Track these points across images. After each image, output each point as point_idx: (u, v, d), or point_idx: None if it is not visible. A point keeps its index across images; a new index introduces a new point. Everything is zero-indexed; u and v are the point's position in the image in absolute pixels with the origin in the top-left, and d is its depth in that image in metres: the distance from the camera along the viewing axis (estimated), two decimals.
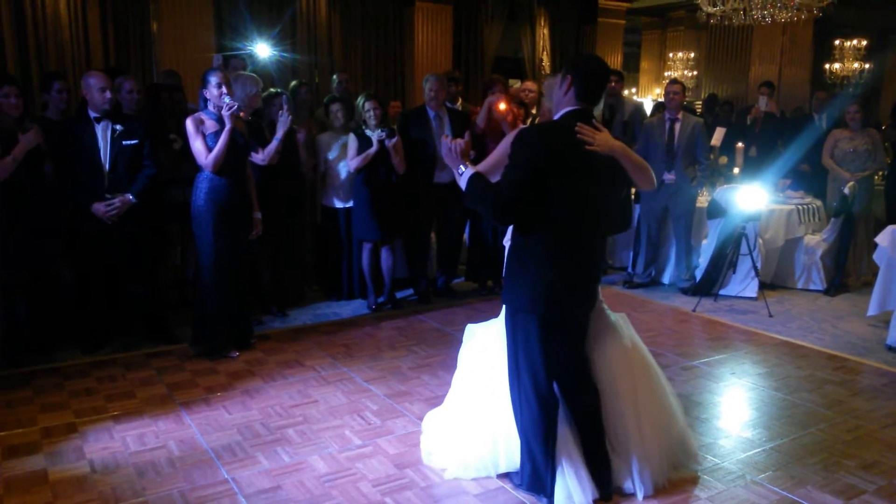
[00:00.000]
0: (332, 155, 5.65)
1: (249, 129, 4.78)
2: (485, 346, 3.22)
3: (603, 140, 2.73)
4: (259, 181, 4.86)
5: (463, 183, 2.83)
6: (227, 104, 4.25)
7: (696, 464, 3.21)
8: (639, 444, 2.96)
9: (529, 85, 6.69)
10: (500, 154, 3.01)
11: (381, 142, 5.24)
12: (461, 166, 2.84)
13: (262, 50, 8.69)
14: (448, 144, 2.87)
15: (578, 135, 2.71)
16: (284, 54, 8.87)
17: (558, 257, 2.77)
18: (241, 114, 4.51)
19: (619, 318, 3.16)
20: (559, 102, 2.87)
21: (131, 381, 4.17)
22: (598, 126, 2.78)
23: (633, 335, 3.14)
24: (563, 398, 2.91)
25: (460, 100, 6.29)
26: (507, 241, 3.11)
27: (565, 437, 2.90)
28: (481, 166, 2.99)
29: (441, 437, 3.30)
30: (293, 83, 6.37)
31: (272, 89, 5.51)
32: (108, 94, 4.34)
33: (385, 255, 5.60)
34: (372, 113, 5.34)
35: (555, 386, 2.90)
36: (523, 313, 2.84)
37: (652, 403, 3.05)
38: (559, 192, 2.73)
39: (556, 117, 2.88)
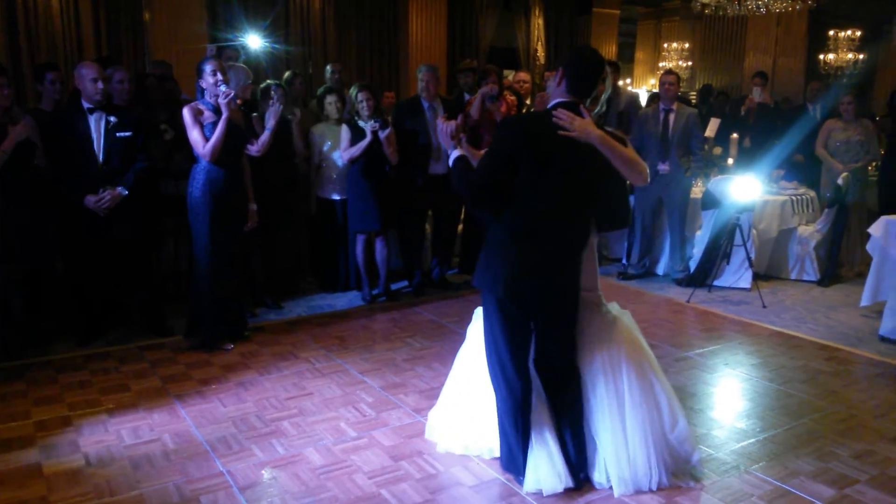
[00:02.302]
0: (327, 146, 5.63)
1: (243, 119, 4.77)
2: None
3: (581, 127, 2.69)
4: (254, 172, 4.84)
5: (451, 163, 2.96)
6: (224, 92, 4.22)
7: (695, 477, 3.05)
8: (621, 443, 2.93)
9: (523, 76, 6.67)
10: None
11: (374, 133, 5.21)
12: (451, 147, 2.97)
13: (254, 41, 8.64)
14: (441, 126, 3.00)
15: (555, 119, 2.69)
16: (277, 46, 8.82)
17: (522, 243, 2.80)
18: (239, 101, 4.47)
19: (619, 314, 3.13)
20: (552, 94, 2.88)
21: (125, 373, 4.16)
22: (581, 113, 2.74)
23: (630, 332, 3.09)
24: (542, 385, 2.96)
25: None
26: None
27: (541, 421, 2.95)
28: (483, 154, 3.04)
29: (443, 414, 3.35)
30: (287, 73, 6.33)
31: (269, 81, 5.48)
32: (100, 85, 4.31)
33: (380, 247, 5.59)
34: (365, 104, 5.32)
35: (532, 370, 2.96)
36: (488, 294, 2.91)
37: (644, 405, 2.96)
38: (530, 181, 2.74)
39: (548, 107, 2.88)
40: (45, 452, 3.23)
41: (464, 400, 3.26)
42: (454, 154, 2.95)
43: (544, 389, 2.98)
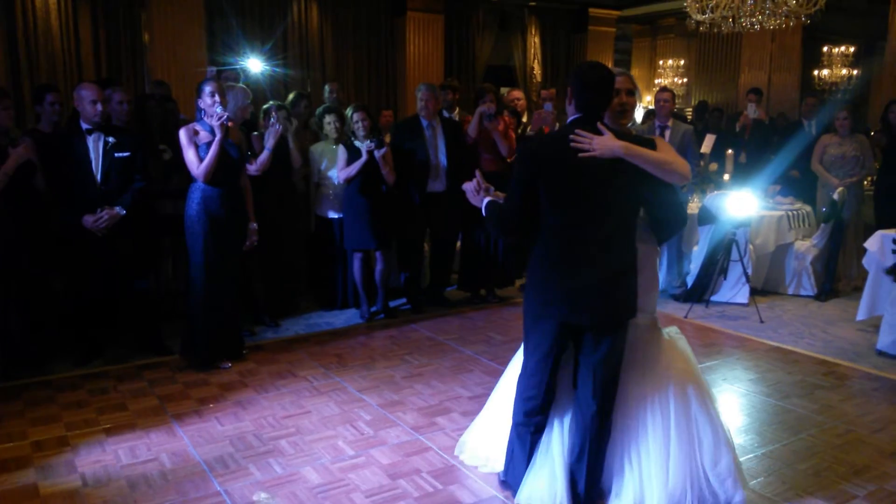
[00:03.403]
0: (325, 166, 5.66)
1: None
2: None
3: (602, 144, 2.64)
4: (252, 191, 4.87)
5: (483, 212, 3.01)
6: (218, 114, 4.26)
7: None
8: (663, 473, 2.85)
9: (516, 94, 6.73)
10: None
11: (370, 152, 5.25)
12: (480, 203, 3.03)
13: (255, 65, 8.72)
14: (468, 188, 3.05)
15: (573, 144, 2.66)
16: (277, 69, 8.91)
17: (558, 263, 2.77)
18: (230, 123, 4.49)
19: (674, 339, 3.06)
20: (568, 113, 2.85)
21: (123, 393, 4.16)
22: (600, 130, 2.68)
23: (682, 358, 3.01)
24: (575, 404, 2.92)
25: (458, 109, 6.27)
26: None
27: (555, 438, 2.93)
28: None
29: (478, 428, 3.40)
30: (291, 95, 6.38)
31: (271, 102, 5.53)
32: (99, 107, 4.34)
33: (378, 265, 5.60)
34: (360, 124, 5.35)
35: (570, 387, 2.94)
36: (527, 308, 2.92)
37: (686, 435, 2.89)
38: (554, 203, 2.73)
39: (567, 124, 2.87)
40: (41, 473, 3.23)
41: (497, 409, 3.28)
42: (484, 202, 3.00)
43: (575, 409, 2.92)
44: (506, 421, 3.13)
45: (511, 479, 3.04)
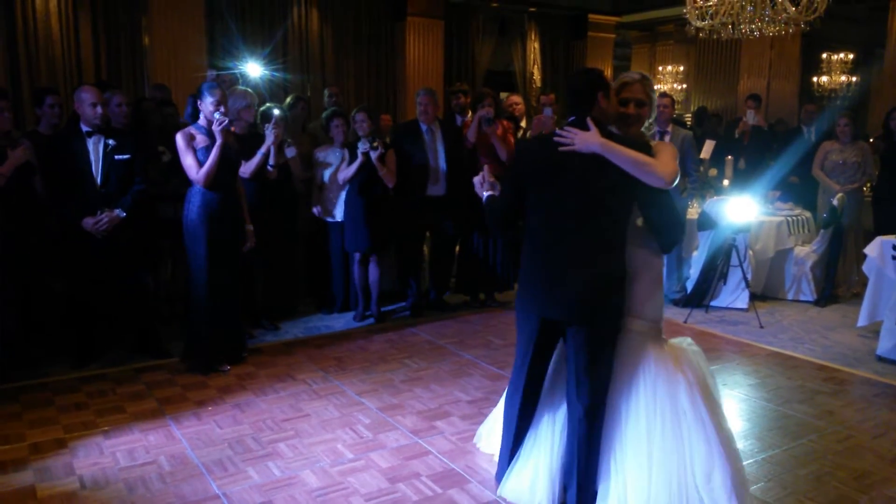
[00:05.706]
0: (327, 169, 5.66)
1: (247, 142, 4.79)
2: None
3: (582, 139, 2.66)
4: (252, 194, 4.86)
5: (484, 203, 3.13)
6: (218, 119, 4.25)
7: None
8: (643, 485, 2.77)
9: (515, 99, 6.73)
10: None
11: (364, 154, 5.23)
12: (483, 194, 3.13)
13: (254, 69, 8.72)
14: (476, 181, 3.17)
15: (556, 138, 2.72)
16: (276, 73, 8.91)
17: (536, 260, 2.83)
18: (232, 128, 4.48)
19: (679, 350, 2.95)
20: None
21: (121, 395, 4.15)
22: (588, 125, 2.68)
23: (683, 369, 2.87)
24: (567, 405, 2.90)
25: (469, 112, 6.21)
26: None
27: (544, 435, 2.96)
28: None
29: (492, 418, 3.48)
30: (289, 98, 6.37)
31: (268, 105, 5.52)
32: (98, 110, 4.34)
33: (371, 268, 5.58)
34: (359, 125, 5.36)
35: (544, 385, 2.99)
36: (517, 307, 2.98)
37: (673, 446, 2.78)
38: (538, 199, 2.81)
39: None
40: (39, 475, 3.21)
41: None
42: (485, 196, 3.11)
43: (568, 409, 2.89)
44: None
45: (498, 469, 3.09)
